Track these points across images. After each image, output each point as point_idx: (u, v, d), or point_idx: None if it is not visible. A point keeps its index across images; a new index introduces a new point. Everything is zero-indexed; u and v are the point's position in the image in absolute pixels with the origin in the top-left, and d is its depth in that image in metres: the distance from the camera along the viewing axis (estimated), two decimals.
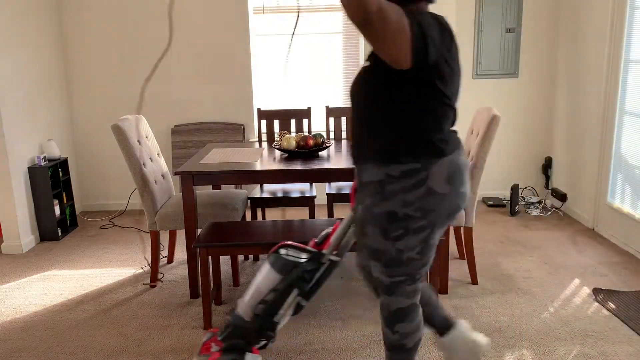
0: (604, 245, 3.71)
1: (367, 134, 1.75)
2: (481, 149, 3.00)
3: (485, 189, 4.89)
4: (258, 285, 2.23)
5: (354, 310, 2.89)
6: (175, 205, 3.20)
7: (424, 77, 1.62)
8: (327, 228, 2.58)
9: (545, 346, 2.50)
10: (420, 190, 1.69)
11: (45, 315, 2.93)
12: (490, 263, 3.46)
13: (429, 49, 1.56)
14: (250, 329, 2.19)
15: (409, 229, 1.72)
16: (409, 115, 1.67)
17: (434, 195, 1.70)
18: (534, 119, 4.75)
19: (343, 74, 4.74)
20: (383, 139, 1.70)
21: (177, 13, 4.50)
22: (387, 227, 1.73)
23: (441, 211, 1.73)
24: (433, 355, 2.45)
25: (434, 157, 1.69)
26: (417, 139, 1.68)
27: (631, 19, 3.53)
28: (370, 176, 1.75)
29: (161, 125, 4.71)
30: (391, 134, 1.69)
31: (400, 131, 1.68)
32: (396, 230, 1.72)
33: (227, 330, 2.21)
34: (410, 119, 1.67)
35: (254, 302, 2.20)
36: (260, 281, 2.22)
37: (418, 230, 1.73)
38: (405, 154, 1.69)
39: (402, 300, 1.85)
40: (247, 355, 2.17)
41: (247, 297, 2.22)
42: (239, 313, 2.21)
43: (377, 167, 1.72)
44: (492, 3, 4.51)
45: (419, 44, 1.54)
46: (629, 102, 3.60)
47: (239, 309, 2.23)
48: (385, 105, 1.68)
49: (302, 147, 3.16)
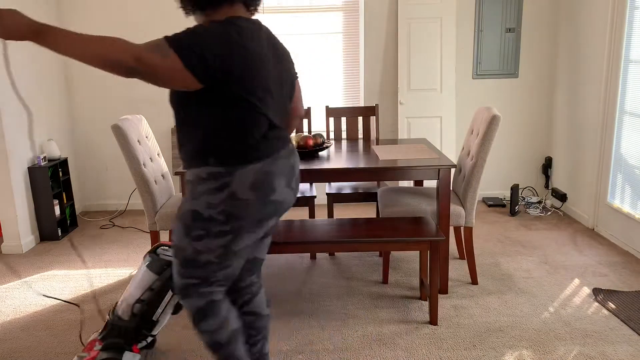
0: (604, 245, 3.71)
1: (183, 138, 1.76)
2: (481, 148, 3.00)
3: (485, 189, 4.89)
4: (135, 285, 2.31)
5: (354, 310, 2.89)
6: (175, 205, 3.20)
7: (219, 87, 1.63)
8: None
9: (545, 346, 2.50)
10: (223, 194, 1.69)
11: (45, 315, 2.93)
12: (490, 263, 3.46)
13: (207, 64, 1.57)
14: (129, 328, 2.27)
15: (211, 231, 1.72)
16: (213, 122, 1.68)
17: (237, 201, 1.70)
18: (534, 119, 4.75)
19: (343, 74, 4.74)
20: (194, 142, 1.72)
21: (177, 13, 4.50)
22: (189, 225, 1.74)
23: (247, 218, 1.72)
24: (433, 355, 2.45)
25: (238, 163, 1.70)
26: (221, 145, 1.69)
27: (631, 19, 3.53)
28: (188, 176, 1.79)
29: (161, 125, 4.71)
30: (199, 139, 1.71)
31: (207, 136, 1.69)
32: (197, 230, 1.73)
33: (107, 329, 2.27)
34: (215, 125, 1.68)
35: (131, 302, 2.27)
36: (138, 281, 2.31)
37: (220, 235, 1.73)
38: (211, 157, 1.70)
39: (197, 300, 1.82)
40: (126, 353, 2.23)
41: (125, 296, 2.29)
42: (118, 313, 2.28)
43: (191, 168, 1.76)
44: (492, 3, 4.51)
45: (194, 65, 1.56)
46: (628, 102, 3.60)
47: (118, 308, 2.29)
48: (192, 111, 1.69)
49: (302, 147, 3.16)
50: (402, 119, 4.57)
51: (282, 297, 3.06)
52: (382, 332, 2.66)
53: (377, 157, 3.04)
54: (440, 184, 2.88)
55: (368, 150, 3.28)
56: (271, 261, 3.59)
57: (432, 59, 4.48)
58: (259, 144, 1.72)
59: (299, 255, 3.69)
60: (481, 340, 2.56)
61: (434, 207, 3.09)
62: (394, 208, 3.11)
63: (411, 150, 3.20)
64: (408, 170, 2.86)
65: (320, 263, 3.54)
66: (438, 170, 2.86)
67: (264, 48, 1.72)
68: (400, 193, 3.30)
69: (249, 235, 1.77)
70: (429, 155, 3.05)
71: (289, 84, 1.87)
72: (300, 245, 2.61)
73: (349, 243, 2.61)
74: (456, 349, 2.49)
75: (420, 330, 2.66)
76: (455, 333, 2.63)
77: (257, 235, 1.81)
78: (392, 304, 2.94)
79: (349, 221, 2.87)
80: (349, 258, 3.61)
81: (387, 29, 4.56)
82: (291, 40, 4.66)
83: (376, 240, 2.60)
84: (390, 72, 4.64)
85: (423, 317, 2.79)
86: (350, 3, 4.60)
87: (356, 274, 3.35)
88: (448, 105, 4.55)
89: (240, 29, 1.65)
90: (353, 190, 3.64)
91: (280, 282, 3.26)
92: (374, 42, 4.58)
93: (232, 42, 1.61)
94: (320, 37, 4.66)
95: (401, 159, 2.96)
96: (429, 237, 2.61)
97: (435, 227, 2.74)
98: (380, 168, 2.84)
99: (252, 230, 1.77)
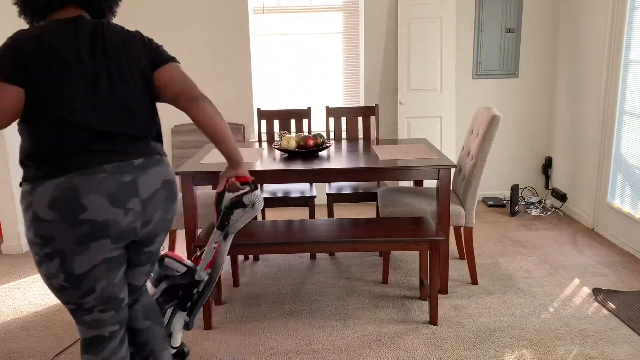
0: (604, 245, 3.71)
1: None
2: (481, 148, 3.00)
3: (485, 189, 4.89)
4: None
5: (354, 310, 2.89)
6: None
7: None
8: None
9: (545, 346, 2.50)
10: (29, 214, 1.56)
11: (45, 315, 2.93)
12: (490, 263, 3.46)
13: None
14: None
15: (40, 254, 1.59)
16: (25, 137, 1.59)
17: (41, 222, 1.54)
18: (534, 119, 4.75)
19: (343, 74, 4.74)
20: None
21: (177, 13, 4.50)
22: (31, 250, 1.64)
23: (59, 239, 1.55)
24: (433, 355, 2.45)
25: (37, 179, 1.55)
26: (23, 160, 1.60)
27: (631, 19, 3.53)
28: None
29: (161, 125, 4.71)
30: (20, 155, 1.64)
31: (21, 152, 1.61)
32: (34, 254, 1.62)
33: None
34: (25, 140, 1.59)
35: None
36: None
37: (48, 258, 1.58)
38: (23, 175, 1.61)
39: (83, 330, 1.72)
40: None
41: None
42: None
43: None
44: (492, 3, 4.51)
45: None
46: (628, 102, 3.60)
47: None
48: (19, 125, 1.63)
49: (302, 147, 3.16)
50: (402, 119, 4.57)
51: (282, 297, 3.06)
52: (382, 332, 2.66)
53: (377, 157, 3.04)
54: (440, 184, 2.88)
55: (368, 150, 3.28)
56: (271, 261, 3.59)
57: (432, 59, 4.48)
58: (63, 158, 1.56)
59: (299, 255, 3.69)
60: (481, 340, 2.56)
61: (434, 207, 3.09)
62: (394, 208, 3.11)
63: (411, 150, 3.20)
64: (408, 170, 2.86)
65: (320, 263, 3.54)
66: (438, 170, 2.86)
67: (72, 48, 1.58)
68: (400, 193, 3.30)
69: (80, 257, 1.58)
70: (429, 155, 3.05)
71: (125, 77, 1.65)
72: (300, 245, 2.61)
73: (349, 243, 2.61)
74: (456, 349, 2.49)
75: (420, 331, 2.66)
76: (455, 333, 2.63)
77: (95, 257, 1.61)
78: (392, 304, 2.95)
79: (349, 221, 2.87)
80: (349, 258, 3.61)
81: (387, 29, 4.56)
82: (291, 40, 4.66)
83: (376, 240, 2.60)
84: (390, 72, 4.64)
85: (423, 317, 2.79)
86: (350, 3, 4.60)
87: (356, 274, 3.35)
88: (448, 105, 4.55)
89: (28, 35, 1.55)
90: (353, 190, 3.64)
91: (280, 282, 3.26)
92: (374, 42, 4.58)
93: (20, 47, 1.52)
94: (320, 37, 4.66)
95: (401, 159, 2.96)
96: (429, 237, 2.61)
97: (435, 227, 2.75)
98: (380, 168, 2.84)
99: (79, 252, 1.58)
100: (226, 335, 2.67)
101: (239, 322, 2.79)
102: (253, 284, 3.24)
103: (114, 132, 1.63)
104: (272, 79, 4.75)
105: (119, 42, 1.66)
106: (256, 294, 3.12)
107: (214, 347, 2.56)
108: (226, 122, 2.37)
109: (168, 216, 1.79)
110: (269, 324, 2.77)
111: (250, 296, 3.08)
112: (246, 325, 2.76)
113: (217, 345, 2.58)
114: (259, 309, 2.93)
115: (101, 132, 1.60)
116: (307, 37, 4.66)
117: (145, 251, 1.80)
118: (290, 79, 4.75)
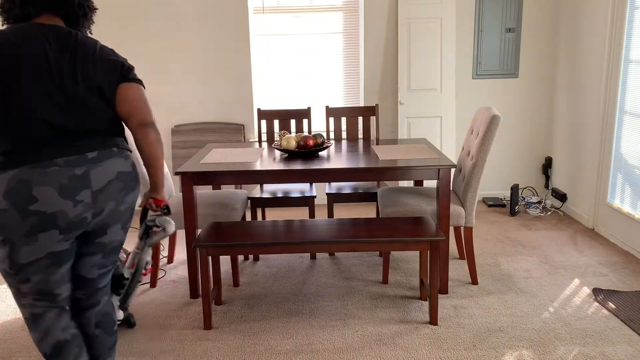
0: (604, 245, 3.71)
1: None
2: (481, 148, 3.00)
3: (485, 189, 4.89)
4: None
5: (354, 310, 2.89)
6: (175, 205, 3.20)
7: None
8: None
9: (545, 346, 2.50)
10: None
11: None
12: (490, 263, 3.46)
13: None
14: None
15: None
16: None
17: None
18: (534, 119, 4.75)
19: (343, 74, 4.74)
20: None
21: (177, 13, 4.50)
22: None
23: (9, 228, 1.69)
24: (433, 355, 2.45)
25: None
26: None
27: (631, 19, 3.53)
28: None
29: (161, 125, 4.71)
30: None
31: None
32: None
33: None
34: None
35: None
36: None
37: (1, 244, 1.72)
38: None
39: (22, 310, 1.86)
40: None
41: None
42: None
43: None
44: (492, 3, 4.51)
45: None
46: (628, 102, 3.60)
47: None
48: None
49: (302, 147, 3.16)
50: (402, 119, 4.57)
51: (282, 297, 3.06)
52: (382, 332, 2.66)
53: (377, 157, 3.04)
54: (440, 184, 2.88)
55: (368, 150, 3.29)
56: (271, 261, 3.59)
57: (432, 59, 4.48)
58: (22, 151, 1.68)
59: (299, 255, 3.69)
60: (481, 340, 2.56)
61: (434, 207, 3.09)
62: (394, 208, 3.11)
63: (411, 150, 3.20)
64: (408, 170, 2.86)
65: (320, 263, 3.54)
66: (438, 170, 2.86)
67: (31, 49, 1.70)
68: (400, 193, 3.30)
69: (27, 247, 1.72)
70: (429, 155, 3.05)
71: (90, 81, 1.78)
72: (300, 245, 2.61)
73: (349, 243, 2.61)
74: (456, 349, 2.49)
75: (420, 331, 2.66)
76: (455, 333, 2.63)
77: (41, 250, 1.74)
78: (392, 304, 2.95)
79: (349, 221, 2.87)
80: (349, 258, 3.61)
81: (387, 29, 4.56)
82: (291, 40, 4.66)
83: (376, 240, 2.60)
84: (390, 72, 4.64)
85: (423, 317, 2.79)
86: (350, 3, 4.60)
87: (356, 274, 3.35)
88: (448, 105, 4.55)
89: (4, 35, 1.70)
90: (353, 190, 3.64)
91: (280, 282, 3.26)
92: (374, 42, 4.58)
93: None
94: (320, 37, 4.66)
95: (401, 159, 2.96)
96: (429, 237, 2.61)
97: (435, 227, 2.75)
98: (380, 168, 2.84)
99: (27, 242, 1.71)
100: (226, 335, 2.67)
101: (239, 322, 2.79)
102: (253, 284, 3.24)
103: (71, 127, 1.75)
104: (272, 79, 4.76)
105: (88, 50, 1.79)
106: (256, 294, 3.12)
107: (214, 347, 2.56)
108: (164, 151, 2.59)
109: (121, 207, 1.88)
110: (269, 324, 2.77)
111: (250, 296, 3.09)
112: (246, 325, 2.76)
113: (217, 345, 2.58)
114: (259, 309, 2.93)
115: (59, 127, 1.72)
116: (307, 37, 4.66)
117: (96, 242, 1.89)
118: (290, 79, 4.75)
